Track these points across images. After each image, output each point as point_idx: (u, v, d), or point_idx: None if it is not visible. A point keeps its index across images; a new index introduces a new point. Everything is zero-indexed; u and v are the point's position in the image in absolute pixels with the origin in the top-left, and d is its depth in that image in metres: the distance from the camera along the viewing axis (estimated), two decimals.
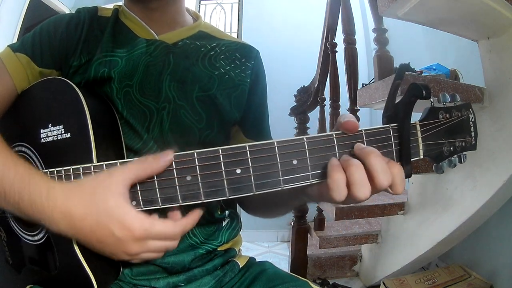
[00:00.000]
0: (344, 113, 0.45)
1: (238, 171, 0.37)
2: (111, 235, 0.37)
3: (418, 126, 0.40)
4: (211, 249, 0.59)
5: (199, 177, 0.38)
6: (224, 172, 0.38)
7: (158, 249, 0.41)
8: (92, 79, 0.54)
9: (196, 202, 0.39)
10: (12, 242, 0.54)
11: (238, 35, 2.99)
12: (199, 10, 3.17)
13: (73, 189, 0.39)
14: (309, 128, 1.83)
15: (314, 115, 1.87)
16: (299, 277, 0.58)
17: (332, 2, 1.63)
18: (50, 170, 0.45)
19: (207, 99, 0.58)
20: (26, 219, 0.41)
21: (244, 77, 0.62)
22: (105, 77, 0.54)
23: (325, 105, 1.77)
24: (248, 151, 0.37)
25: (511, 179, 1.04)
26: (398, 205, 1.51)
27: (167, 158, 0.38)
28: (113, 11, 0.61)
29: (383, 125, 0.40)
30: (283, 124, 1.55)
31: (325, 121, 1.77)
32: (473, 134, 0.43)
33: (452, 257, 1.56)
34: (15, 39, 2.34)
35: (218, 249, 0.61)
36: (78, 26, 0.58)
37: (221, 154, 0.38)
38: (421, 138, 0.40)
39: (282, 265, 1.91)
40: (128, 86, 0.55)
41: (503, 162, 1.06)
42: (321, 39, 1.75)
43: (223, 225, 0.63)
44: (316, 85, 1.77)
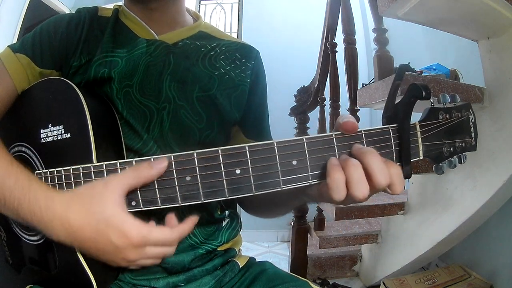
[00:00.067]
0: (344, 114, 0.45)
1: (238, 172, 0.37)
2: (110, 243, 0.38)
3: (418, 127, 0.40)
4: (211, 249, 0.59)
5: (199, 178, 0.38)
6: (224, 173, 0.38)
7: (156, 255, 0.42)
8: (92, 79, 0.54)
9: (196, 202, 0.39)
10: (12, 242, 0.54)
11: (238, 35, 2.99)
12: (199, 10, 3.17)
13: (71, 199, 0.39)
14: (309, 128, 1.83)
15: (314, 115, 1.87)
16: (299, 277, 0.58)
17: (332, 2, 1.62)
18: (50, 170, 0.45)
19: (207, 99, 0.58)
20: (26, 225, 0.41)
21: (244, 77, 0.62)
22: (105, 77, 0.54)
23: (325, 105, 1.77)
24: (248, 152, 0.37)
25: (511, 179, 1.04)
26: (398, 205, 1.51)
27: (162, 165, 0.38)
28: (113, 11, 0.61)
29: (383, 126, 0.40)
30: (283, 124, 1.55)
31: (325, 121, 1.77)
32: (473, 135, 0.43)
33: (452, 257, 1.56)
34: (15, 39, 2.34)
35: (218, 249, 0.61)
36: (78, 26, 0.58)
37: (221, 155, 0.38)
38: (421, 139, 0.40)
39: (282, 265, 1.90)
40: (128, 86, 0.55)
41: (503, 162, 1.06)
42: (321, 39, 1.75)
43: (223, 225, 0.63)
44: (316, 85, 1.77)
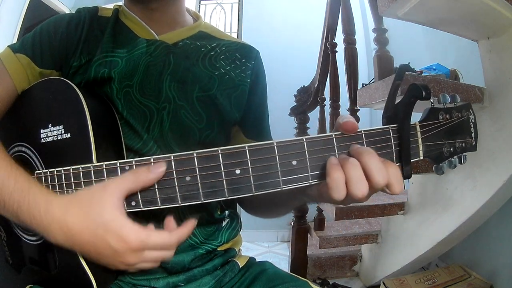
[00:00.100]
0: (344, 114, 0.45)
1: (238, 172, 0.37)
2: (108, 247, 0.38)
3: (418, 127, 0.40)
4: (211, 249, 0.59)
5: (199, 178, 0.38)
6: (224, 173, 0.38)
7: (155, 259, 0.42)
8: (92, 80, 0.54)
9: (196, 203, 0.39)
10: (12, 242, 0.54)
11: (238, 35, 2.99)
12: (199, 10, 3.17)
13: (70, 203, 0.40)
14: (309, 128, 1.83)
15: (314, 115, 1.87)
16: (299, 277, 0.58)
17: (332, 2, 1.62)
18: (50, 170, 0.45)
19: (207, 99, 0.58)
20: (25, 228, 0.41)
21: (244, 77, 0.62)
22: (105, 78, 0.54)
23: (325, 105, 1.77)
24: (248, 152, 0.37)
25: (511, 179, 1.04)
26: (398, 205, 1.51)
27: (160, 170, 0.38)
28: (113, 11, 0.61)
29: (383, 126, 0.40)
30: (283, 124, 1.55)
31: (325, 121, 1.77)
32: (473, 135, 0.43)
33: (452, 257, 1.56)
34: (15, 39, 2.34)
35: (218, 249, 0.61)
36: (78, 26, 0.58)
37: (221, 155, 0.38)
38: (421, 139, 0.40)
39: (282, 265, 1.90)
40: (128, 86, 0.55)
41: (503, 162, 1.06)
42: (321, 39, 1.75)
43: (223, 225, 0.63)
44: (316, 85, 1.77)
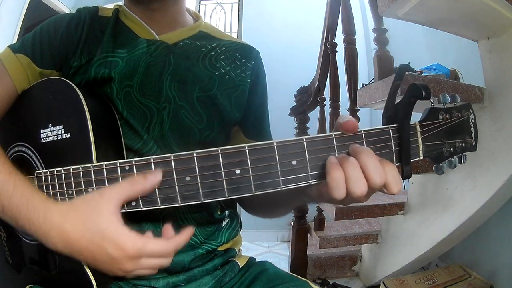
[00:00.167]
0: (344, 114, 0.45)
1: (238, 172, 0.37)
2: (106, 254, 0.39)
3: (418, 127, 0.40)
4: (211, 249, 0.59)
5: (199, 178, 0.38)
6: (224, 173, 0.38)
7: (152, 266, 0.42)
8: (92, 80, 0.54)
9: (196, 202, 0.39)
10: (12, 242, 0.54)
11: (238, 35, 2.99)
12: (199, 10, 3.17)
13: (68, 211, 0.40)
14: (309, 128, 1.83)
15: (314, 115, 1.87)
16: (299, 277, 0.58)
17: (332, 2, 1.62)
18: (50, 170, 0.45)
19: (208, 100, 0.58)
20: (24, 232, 0.41)
21: (245, 78, 0.62)
22: (105, 78, 0.54)
23: (325, 105, 1.77)
24: (248, 152, 0.37)
25: (511, 179, 1.04)
26: (398, 205, 1.51)
27: (156, 178, 0.39)
28: (114, 11, 0.61)
29: (383, 126, 0.40)
30: (283, 124, 1.55)
31: (325, 121, 1.77)
32: (473, 135, 0.43)
33: (452, 257, 1.56)
34: (15, 39, 2.34)
35: (218, 249, 0.61)
36: (79, 26, 0.58)
37: (221, 155, 0.38)
38: (421, 139, 0.40)
39: (282, 265, 1.90)
40: (129, 87, 0.55)
41: (503, 162, 1.06)
42: (321, 39, 1.75)
43: (223, 225, 0.63)
44: (316, 85, 1.77)
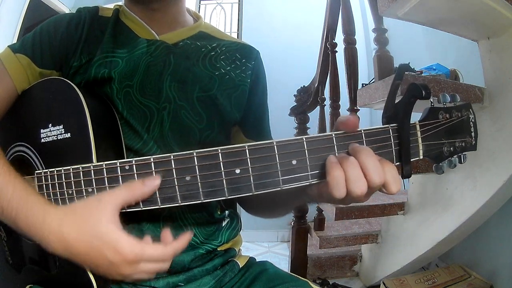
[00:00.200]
0: (344, 115, 0.45)
1: (238, 171, 0.37)
2: (104, 259, 0.39)
3: (418, 126, 0.40)
4: (211, 249, 0.59)
5: (199, 177, 0.38)
6: (224, 172, 0.38)
7: (150, 271, 0.42)
8: (92, 80, 0.54)
9: (196, 202, 0.39)
10: (12, 242, 0.54)
11: (238, 35, 2.99)
12: (199, 10, 3.17)
13: (67, 215, 0.40)
14: (309, 128, 1.83)
15: (314, 115, 1.87)
16: (299, 277, 0.58)
17: (332, 2, 1.62)
18: (50, 170, 0.45)
19: (208, 100, 0.58)
20: (23, 235, 0.41)
21: (245, 78, 0.62)
22: (106, 78, 0.54)
23: (325, 105, 1.77)
24: (248, 151, 0.37)
25: (511, 179, 1.04)
26: (398, 205, 1.51)
27: (155, 183, 0.39)
28: (114, 11, 0.61)
29: (383, 125, 0.40)
30: (283, 124, 1.55)
31: (325, 121, 1.77)
32: (473, 135, 0.43)
33: (452, 257, 1.56)
34: (15, 39, 2.34)
35: (218, 249, 0.61)
36: (79, 26, 0.58)
37: (221, 154, 0.38)
38: (421, 138, 0.40)
39: (282, 265, 1.90)
40: (129, 87, 0.55)
41: (503, 162, 1.06)
42: (321, 39, 1.75)
43: (223, 225, 0.63)
44: (316, 85, 1.77)
